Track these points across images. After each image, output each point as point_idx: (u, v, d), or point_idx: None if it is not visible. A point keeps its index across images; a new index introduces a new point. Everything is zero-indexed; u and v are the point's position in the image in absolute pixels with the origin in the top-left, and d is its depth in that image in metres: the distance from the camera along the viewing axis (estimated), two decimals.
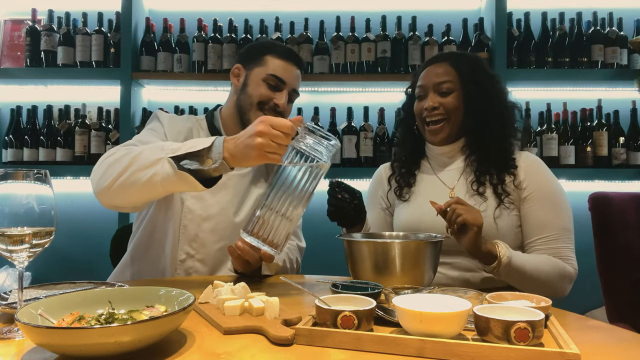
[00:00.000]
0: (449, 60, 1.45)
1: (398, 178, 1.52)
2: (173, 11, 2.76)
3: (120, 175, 1.15)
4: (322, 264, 1.79)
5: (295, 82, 1.53)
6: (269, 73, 1.48)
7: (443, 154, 1.47)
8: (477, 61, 1.48)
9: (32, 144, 2.60)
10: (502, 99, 1.44)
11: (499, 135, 1.39)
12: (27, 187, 0.84)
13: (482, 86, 1.40)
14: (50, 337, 0.67)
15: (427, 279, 1.14)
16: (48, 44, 2.59)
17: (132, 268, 1.47)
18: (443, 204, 1.18)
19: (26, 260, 0.85)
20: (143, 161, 1.12)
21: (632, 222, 1.71)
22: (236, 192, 1.50)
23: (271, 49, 1.51)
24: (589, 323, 0.98)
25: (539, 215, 1.33)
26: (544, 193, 1.34)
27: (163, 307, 0.82)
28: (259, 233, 1.04)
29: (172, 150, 1.10)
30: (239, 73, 1.55)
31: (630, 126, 2.53)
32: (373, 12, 2.62)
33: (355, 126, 2.55)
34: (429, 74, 1.44)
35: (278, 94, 1.48)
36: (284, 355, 0.74)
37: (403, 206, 1.48)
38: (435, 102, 1.40)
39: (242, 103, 1.50)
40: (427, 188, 1.46)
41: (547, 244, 1.31)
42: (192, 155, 1.09)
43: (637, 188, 2.49)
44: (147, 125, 1.52)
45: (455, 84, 1.41)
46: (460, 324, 0.76)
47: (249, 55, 1.55)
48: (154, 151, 1.13)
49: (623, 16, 2.55)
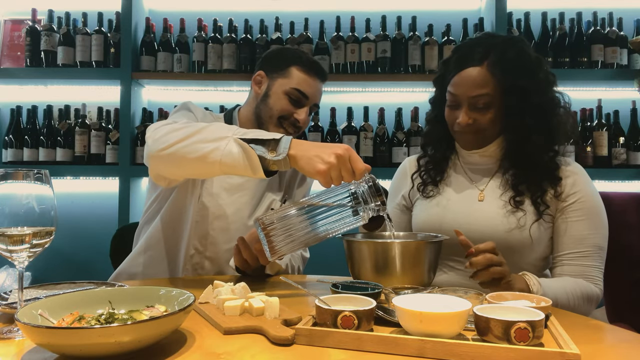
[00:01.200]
0: (487, 60, 1.23)
1: (424, 174, 1.41)
2: (173, 11, 2.76)
3: (180, 142, 1.12)
4: (322, 264, 1.79)
5: (318, 96, 1.51)
6: (293, 87, 1.44)
7: (475, 152, 1.36)
8: (523, 58, 1.25)
9: (32, 144, 2.60)
10: (550, 105, 1.26)
11: (544, 146, 1.26)
12: (27, 187, 0.84)
13: (526, 94, 1.22)
14: (50, 337, 0.67)
15: (427, 279, 1.14)
16: (48, 44, 2.59)
17: (144, 255, 1.46)
18: (474, 248, 1.05)
19: (26, 260, 0.85)
20: (208, 134, 1.11)
21: (632, 222, 1.71)
22: (253, 194, 1.49)
23: (297, 61, 1.47)
24: (589, 323, 0.98)
25: (577, 229, 1.24)
26: (585, 206, 1.25)
27: (163, 307, 0.82)
28: (269, 232, 1.05)
29: (240, 132, 1.10)
30: (261, 80, 1.51)
31: (630, 126, 2.53)
32: (373, 12, 2.62)
33: (355, 126, 2.55)
34: (463, 82, 1.25)
35: (299, 110, 1.45)
36: (284, 355, 0.74)
37: (425, 203, 1.39)
38: (470, 119, 1.26)
39: (262, 113, 1.47)
40: (454, 187, 1.37)
41: (578, 260, 1.23)
42: (259, 141, 1.07)
43: (637, 188, 2.49)
44: (176, 112, 1.45)
45: (493, 96, 1.23)
46: (460, 324, 0.76)
47: (272, 64, 1.50)
48: (220, 128, 1.13)
49: (623, 16, 2.55)
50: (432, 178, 1.40)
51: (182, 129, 1.15)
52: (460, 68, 1.26)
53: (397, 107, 2.60)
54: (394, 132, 2.56)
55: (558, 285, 1.18)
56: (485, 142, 1.32)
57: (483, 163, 1.36)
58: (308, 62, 1.48)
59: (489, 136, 1.30)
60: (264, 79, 1.50)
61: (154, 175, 1.29)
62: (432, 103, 1.43)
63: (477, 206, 1.31)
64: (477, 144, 1.32)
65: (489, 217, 1.28)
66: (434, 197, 1.38)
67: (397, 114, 2.59)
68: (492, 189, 1.32)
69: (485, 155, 1.35)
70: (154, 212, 1.49)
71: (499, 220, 1.26)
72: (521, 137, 1.25)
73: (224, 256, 1.45)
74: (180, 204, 1.43)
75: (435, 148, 1.42)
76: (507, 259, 1.19)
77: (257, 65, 1.56)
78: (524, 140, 1.25)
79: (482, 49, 1.25)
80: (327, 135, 2.57)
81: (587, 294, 1.21)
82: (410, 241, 1.16)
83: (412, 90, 2.66)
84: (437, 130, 1.40)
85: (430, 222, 1.34)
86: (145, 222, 1.51)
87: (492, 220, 1.27)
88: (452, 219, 1.31)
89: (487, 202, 1.31)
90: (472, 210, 1.31)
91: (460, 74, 1.26)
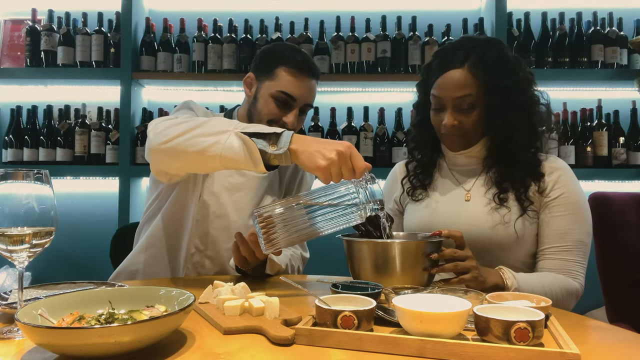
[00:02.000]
0: (468, 62, 1.26)
1: (412, 178, 1.45)
2: (173, 11, 2.76)
3: (181, 135, 1.12)
4: (322, 264, 1.79)
5: (308, 96, 1.45)
6: (279, 90, 1.40)
7: (461, 153, 1.38)
8: (502, 59, 1.28)
9: (32, 144, 2.60)
10: (530, 103, 1.29)
11: (526, 143, 1.29)
12: (27, 187, 0.84)
13: (507, 93, 1.25)
14: (50, 337, 0.67)
15: (427, 279, 1.14)
16: (48, 44, 2.59)
17: (145, 254, 1.45)
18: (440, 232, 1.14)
19: (26, 260, 0.85)
20: (209, 128, 1.10)
21: (632, 222, 1.71)
22: (254, 194, 1.49)
23: (284, 60, 1.42)
24: (589, 323, 0.98)
25: (559, 223, 1.27)
26: (568, 201, 1.28)
27: (163, 307, 0.82)
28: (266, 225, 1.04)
29: (241, 126, 1.09)
30: (251, 83, 1.48)
31: (630, 126, 2.53)
32: (373, 12, 2.62)
33: (355, 126, 2.55)
34: (446, 85, 1.27)
35: (287, 113, 1.42)
36: (284, 355, 0.74)
37: (415, 207, 1.43)
38: (455, 121, 1.28)
39: (253, 116, 1.45)
40: (442, 190, 1.40)
41: (559, 254, 1.26)
42: (260, 135, 1.07)
43: (637, 188, 2.49)
44: (178, 110, 1.44)
45: (477, 97, 1.26)
46: (460, 324, 0.76)
47: (260, 65, 1.47)
48: (221, 122, 1.12)
49: (623, 16, 2.55)
50: (420, 182, 1.43)
51: (183, 123, 1.15)
52: (442, 71, 1.28)
53: (397, 107, 2.60)
54: (394, 132, 2.56)
55: (535, 279, 1.21)
56: (470, 143, 1.34)
57: (469, 164, 1.39)
58: (295, 62, 1.42)
59: (474, 137, 1.33)
60: (254, 81, 1.48)
61: (155, 170, 1.28)
62: (416, 108, 1.46)
63: (464, 206, 1.34)
64: (463, 145, 1.34)
65: (474, 215, 1.31)
66: (422, 200, 1.42)
67: (397, 114, 2.59)
68: (478, 188, 1.35)
69: (471, 156, 1.37)
70: (155, 211, 1.48)
71: (483, 218, 1.29)
72: (504, 136, 1.28)
73: (225, 255, 1.45)
74: (181, 202, 1.43)
75: (422, 152, 1.45)
76: (495, 255, 1.22)
77: (250, 67, 1.54)
78: (507, 138, 1.28)
79: (462, 51, 1.27)
80: (327, 135, 2.57)
81: (565, 288, 1.23)
82: (410, 241, 1.16)
83: (412, 90, 2.61)
84: (422, 134, 1.43)
85: (420, 225, 1.38)
86: (146, 221, 1.51)
87: (477, 218, 1.30)
88: (440, 220, 1.34)
89: (473, 202, 1.34)
90: (460, 211, 1.33)
91: (443, 76, 1.28)
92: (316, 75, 1.48)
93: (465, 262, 1.11)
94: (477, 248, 1.22)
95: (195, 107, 1.47)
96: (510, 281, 1.15)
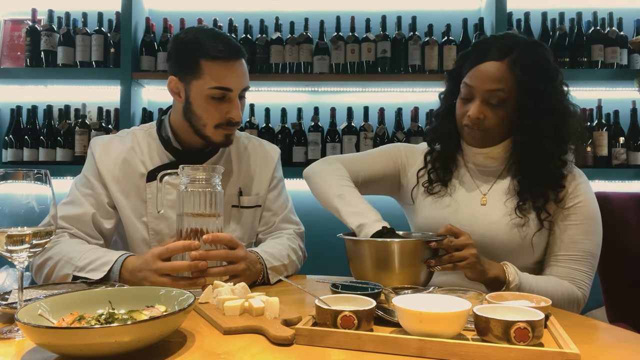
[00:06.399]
0: (508, 58, 1.21)
1: (431, 172, 1.38)
2: (173, 11, 2.76)
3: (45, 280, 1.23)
4: (322, 264, 1.79)
5: (242, 80, 1.30)
6: (212, 87, 1.26)
7: (480, 153, 1.33)
8: (543, 62, 1.24)
9: (32, 144, 2.60)
10: (564, 113, 1.24)
11: (554, 152, 1.24)
12: (27, 187, 0.84)
13: (542, 99, 1.20)
14: (50, 337, 0.67)
15: (426, 278, 1.14)
16: (48, 44, 2.59)
17: None
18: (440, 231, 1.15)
19: (26, 260, 0.85)
20: (57, 274, 1.20)
21: (632, 222, 1.71)
22: None
23: (204, 52, 1.26)
24: (589, 323, 0.98)
25: (571, 232, 1.25)
26: (582, 211, 1.26)
27: (163, 307, 0.83)
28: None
29: (77, 268, 1.16)
30: (177, 87, 1.33)
31: (630, 126, 2.53)
32: (373, 12, 2.62)
33: (355, 126, 2.55)
34: (480, 75, 1.23)
35: (230, 106, 1.29)
36: (284, 355, 0.74)
37: (431, 202, 1.37)
38: (481, 114, 1.23)
39: (194, 123, 1.32)
40: (458, 189, 1.35)
41: (567, 262, 1.24)
42: (94, 270, 1.15)
43: (637, 188, 2.49)
44: (85, 162, 1.42)
45: (509, 93, 1.21)
46: (460, 324, 0.76)
47: (180, 64, 1.32)
48: (65, 266, 1.19)
49: (623, 16, 2.55)
50: (440, 177, 1.37)
51: (42, 269, 1.23)
52: (479, 61, 1.24)
53: (397, 107, 2.60)
54: (394, 132, 2.56)
55: (539, 281, 1.20)
56: (490, 142, 1.30)
57: (487, 165, 1.34)
58: (217, 50, 1.26)
59: (495, 136, 1.28)
60: (179, 84, 1.32)
61: None
62: (442, 97, 1.40)
63: (480, 210, 1.30)
64: (482, 141, 1.30)
65: (491, 221, 1.28)
66: (440, 198, 1.36)
67: (397, 114, 2.59)
68: (496, 193, 1.31)
69: (490, 157, 1.33)
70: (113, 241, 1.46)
71: (501, 228, 1.26)
72: (533, 140, 1.23)
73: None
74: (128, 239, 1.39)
75: (442, 143, 1.38)
76: (502, 259, 1.20)
77: (167, 69, 1.38)
78: (536, 143, 1.23)
79: (504, 45, 1.23)
80: (327, 135, 2.57)
81: (568, 294, 1.22)
82: (410, 241, 1.16)
83: (412, 90, 2.66)
84: (446, 124, 1.36)
85: (433, 222, 1.32)
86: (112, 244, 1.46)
87: (494, 225, 1.27)
88: (454, 221, 1.29)
89: (489, 207, 1.30)
90: (476, 214, 1.30)
91: (478, 67, 1.24)
92: (242, 54, 1.32)
93: (463, 251, 1.11)
94: (487, 252, 1.22)
95: (93, 147, 1.40)
96: (512, 277, 1.14)
